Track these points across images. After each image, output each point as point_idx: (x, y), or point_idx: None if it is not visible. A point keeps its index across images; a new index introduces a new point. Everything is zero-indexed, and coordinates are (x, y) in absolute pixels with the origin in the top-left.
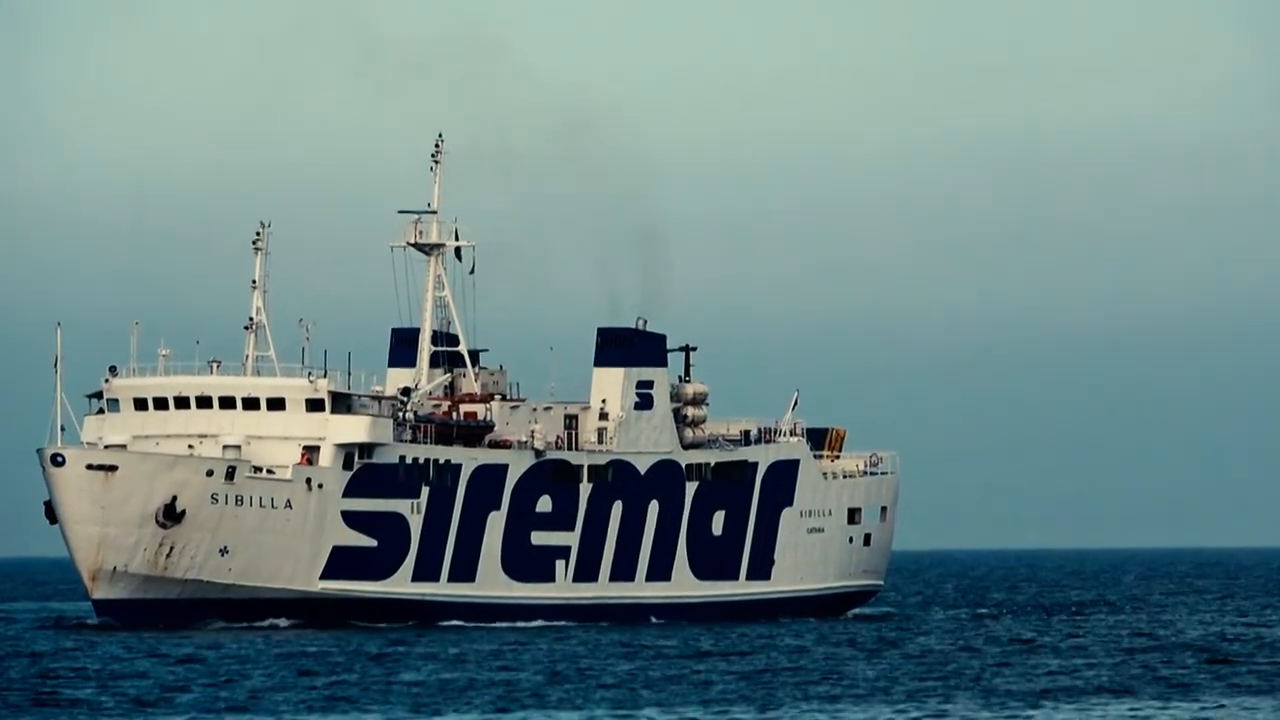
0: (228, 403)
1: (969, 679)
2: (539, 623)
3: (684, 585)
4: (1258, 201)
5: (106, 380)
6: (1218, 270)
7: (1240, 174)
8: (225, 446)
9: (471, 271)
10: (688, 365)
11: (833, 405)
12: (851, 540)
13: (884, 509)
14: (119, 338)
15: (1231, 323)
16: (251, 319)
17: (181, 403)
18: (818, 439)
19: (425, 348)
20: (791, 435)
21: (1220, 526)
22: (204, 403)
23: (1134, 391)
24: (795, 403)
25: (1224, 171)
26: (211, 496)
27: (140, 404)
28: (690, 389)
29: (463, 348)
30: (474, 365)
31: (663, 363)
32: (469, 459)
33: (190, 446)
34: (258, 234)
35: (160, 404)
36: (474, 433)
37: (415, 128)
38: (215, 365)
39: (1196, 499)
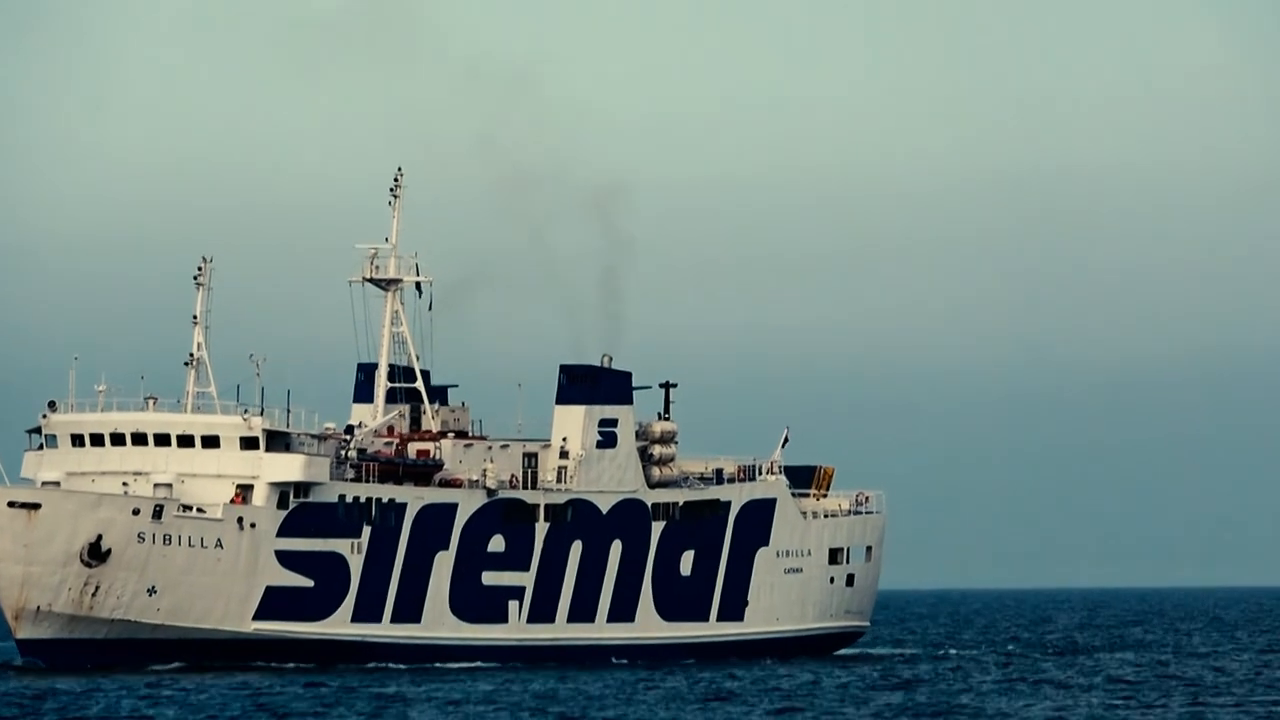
0: (162, 440)
1: None
2: (493, 664)
3: (649, 627)
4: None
5: (44, 416)
6: (1212, 313)
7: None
8: (156, 485)
9: (430, 308)
10: (668, 402)
11: (826, 444)
12: (833, 580)
13: (869, 549)
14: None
15: (1230, 367)
16: (192, 355)
17: (117, 439)
18: (805, 477)
19: (382, 384)
20: (769, 474)
21: (1205, 565)
22: (139, 439)
23: (1130, 431)
24: (785, 440)
25: (1225, 219)
26: (138, 535)
27: (77, 440)
28: (658, 427)
29: (419, 384)
30: (435, 402)
31: (627, 400)
32: (414, 498)
33: (125, 484)
34: (199, 269)
35: (96, 440)
36: (421, 471)
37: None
38: (152, 402)
39: (1188, 538)
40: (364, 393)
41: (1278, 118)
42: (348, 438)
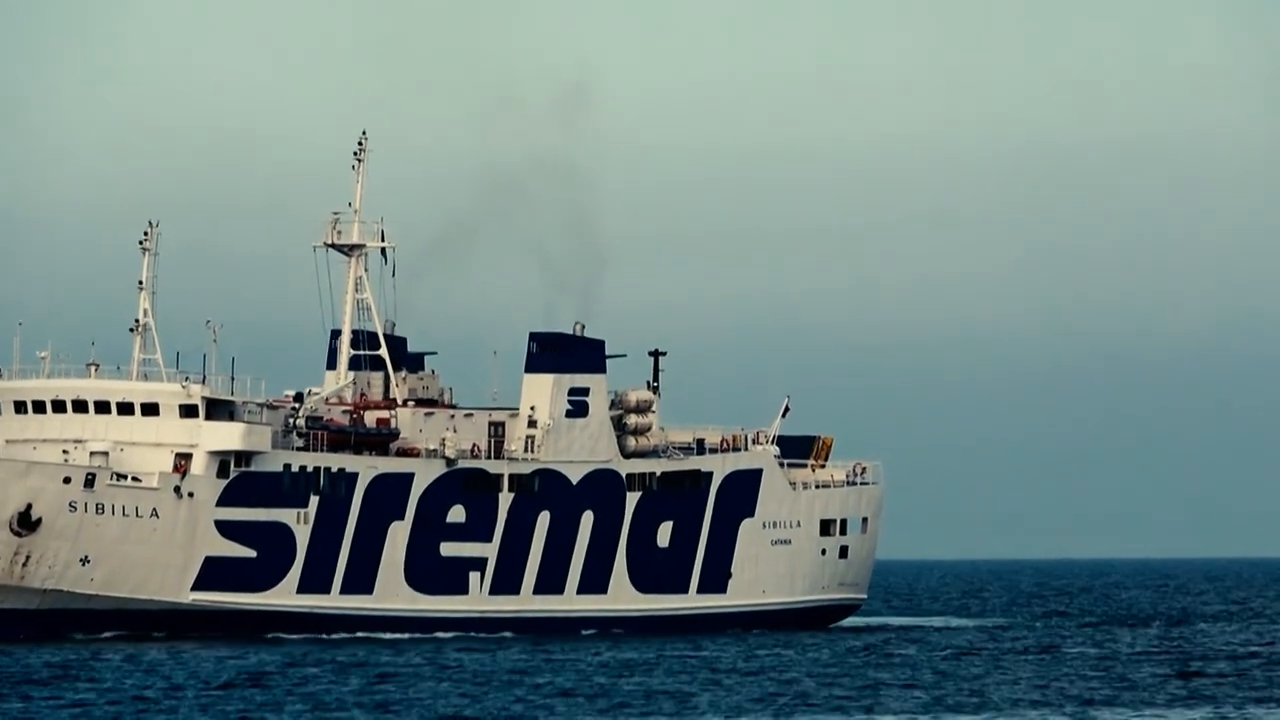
0: (102, 407)
1: None
2: (451, 635)
3: (622, 598)
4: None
5: None
6: (1209, 290)
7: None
8: (92, 453)
9: (394, 274)
10: (656, 371)
11: (828, 414)
12: (824, 552)
13: (865, 520)
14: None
15: (1228, 342)
16: (137, 321)
17: (58, 406)
18: (804, 447)
19: (345, 351)
20: (756, 444)
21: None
22: (80, 407)
23: (1133, 403)
24: (786, 410)
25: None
26: (70, 504)
27: (20, 407)
28: (634, 396)
29: (383, 351)
30: (402, 369)
31: (600, 369)
32: (366, 467)
33: (65, 452)
34: (145, 234)
35: (39, 407)
36: (376, 440)
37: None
38: (93, 369)
39: (1186, 509)
40: (337, 359)
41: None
42: (296, 406)
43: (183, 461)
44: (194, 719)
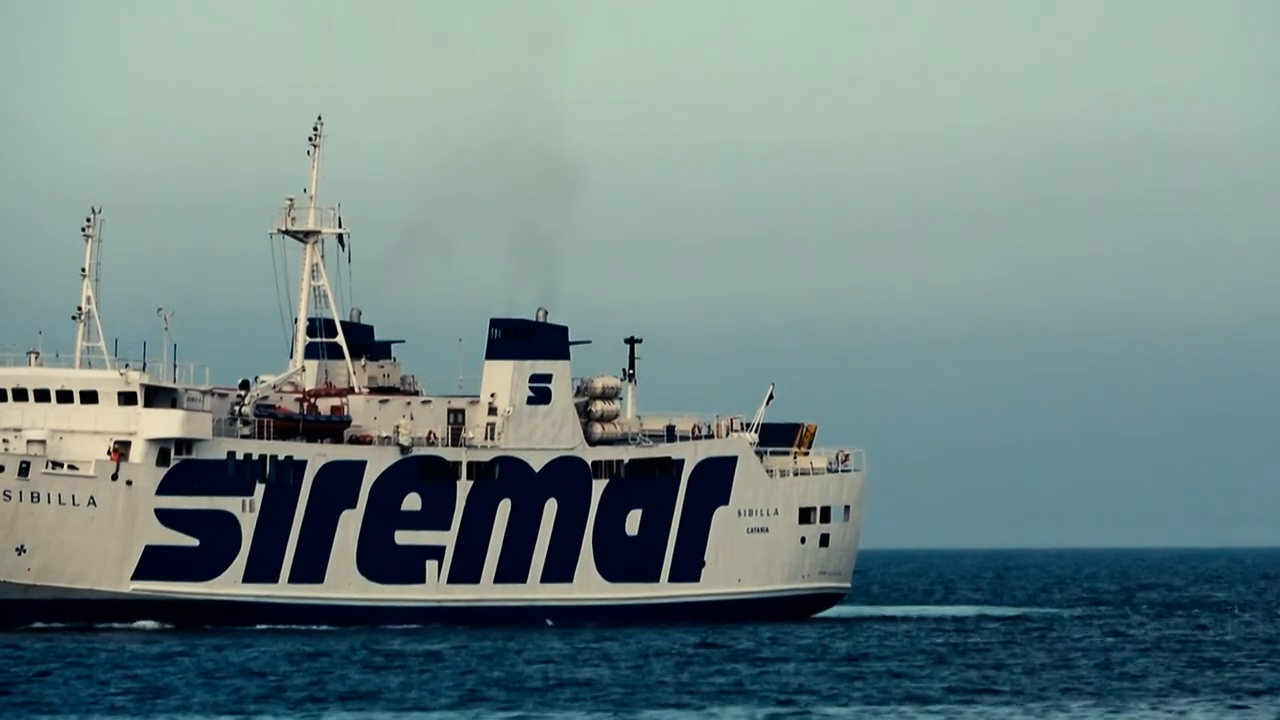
0: (42, 395)
1: None
2: (412, 626)
3: (588, 587)
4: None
5: None
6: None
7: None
8: (29, 441)
9: (349, 260)
10: (632, 358)
11: (814, 403)
12: (804, 541)
13: (848, 508)
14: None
15: (1215, 331)
16: (80, 309)
17: None
18: (787, 435)
19: (300, 339)
20: (734, 431)
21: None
22: (20, 395)
23: (1118, 399)
24: (770, 397)
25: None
26: (3, 493)
27: None
28: (599, 383)
29: (340, 338)
30: (363, 357)
31: (563, 355)
32: (315, 455)
33: (5, 440)
34: (88, 220)
35: None
36: (326, 427)
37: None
38: (33, 357)
39: (1178, 499)
40: (306, 349)
41: None
42: (242, 393)
43: (118, 448)
44: None
